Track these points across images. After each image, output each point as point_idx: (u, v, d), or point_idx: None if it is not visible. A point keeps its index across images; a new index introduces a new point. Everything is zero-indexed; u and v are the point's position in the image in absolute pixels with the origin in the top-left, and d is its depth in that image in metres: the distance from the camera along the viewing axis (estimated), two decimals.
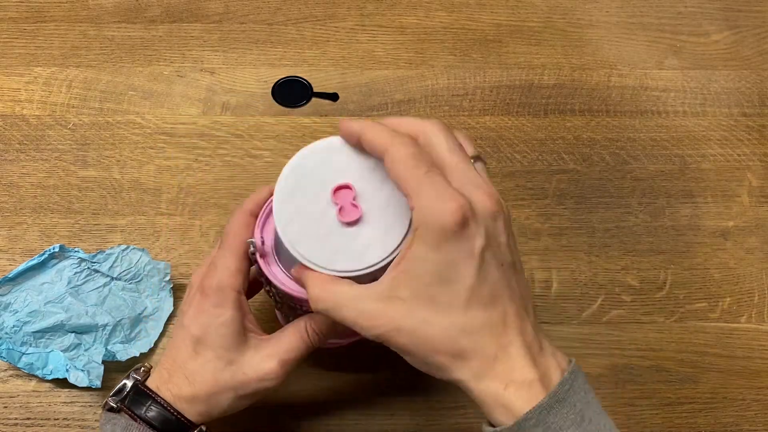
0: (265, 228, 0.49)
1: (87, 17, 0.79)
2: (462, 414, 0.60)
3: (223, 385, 0.46)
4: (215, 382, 0.46)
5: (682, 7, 0.82)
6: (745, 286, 0.66)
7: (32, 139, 0.71)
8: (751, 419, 0.61)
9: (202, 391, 0.46)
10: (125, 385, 0.47)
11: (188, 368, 0.46)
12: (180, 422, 0.46)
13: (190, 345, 0.46)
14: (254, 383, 0.46)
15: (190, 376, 0.46)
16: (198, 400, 0.46)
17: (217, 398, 0.46)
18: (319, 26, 0.79)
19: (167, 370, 0.47)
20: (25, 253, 0.65)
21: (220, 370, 0.46)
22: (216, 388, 0.46)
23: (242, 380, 0.46)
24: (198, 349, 0.46)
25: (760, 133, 0.74)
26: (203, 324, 0.46)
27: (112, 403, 0.47)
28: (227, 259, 0.47)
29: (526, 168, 0.71)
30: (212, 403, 0.46)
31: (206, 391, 0.46)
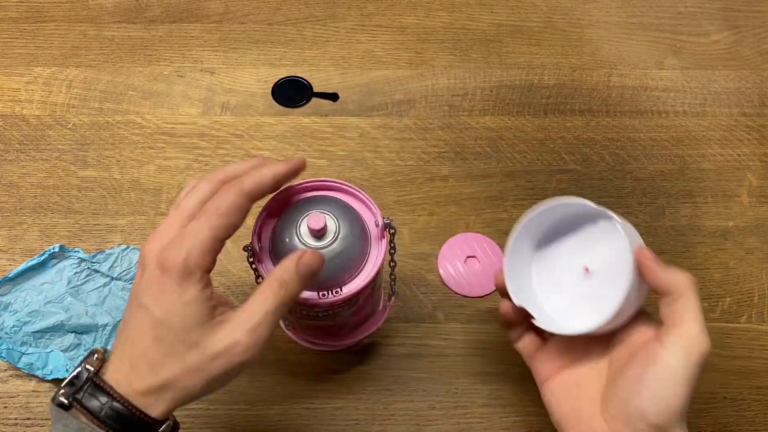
0: (263, 230, 0.49)
1: (87, 17, 0.79)
2: (462, 414, 0.60)
3: (191, 369, 0.41)
4: (182, 367, 0.41)
5: (682, 7, 0.82)
6: (745, 286, 0.66)
7: (32, 139, 0.71)
8: (751, 419, 0.61)
9: (168, 379, 0.41)
10: (79, 375, 0.41)
11: (151, 356, 0.41)
12: (143, 422, 0.41)
13: (151, 329, 0.41)
14: (223, 361, 0.41)
15: (154, 365, 0.41)
16: (165, 389, 0.41)
17: (186, 384, 0.41)
18: (319, 26, 0.79)
19: (128, 359, 0.42)
20: (25, 253, 0.65)
21: (186, 354, 0.41)
22: (184, 373, 0.41)
23: (210, 360, 0.41)
24: (161, 334, 0.41)
25: (760, 133, 0.74)
26: (166, 305, 0.41)
27: (63, 398, 0.41)
28: (203, 236, 0.41)
29: (526, 168, 0.71)
30: (181, 390, 0.41)
31: (173, 379, 0.41)
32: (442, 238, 0.67)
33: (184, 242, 0.41)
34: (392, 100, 0.75)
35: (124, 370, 0.41)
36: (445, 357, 0.62)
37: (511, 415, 0.60)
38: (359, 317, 0.57)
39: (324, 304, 0.48)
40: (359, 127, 0.73)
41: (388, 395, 0.61)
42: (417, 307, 0.64)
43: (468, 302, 0.65)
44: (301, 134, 0.72)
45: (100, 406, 0.40)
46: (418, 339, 0.63)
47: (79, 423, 0.40)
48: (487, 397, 0.61)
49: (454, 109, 0.74)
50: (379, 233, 0.49)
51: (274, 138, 0.72)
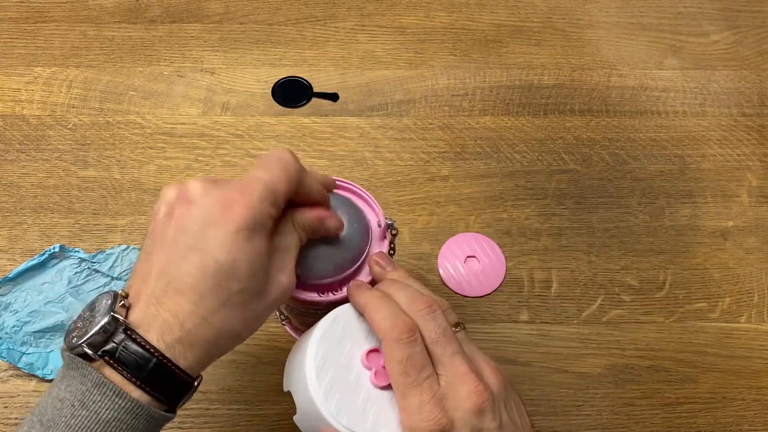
0: None
1: (87, 17, 0.79)
2: None
3: (249, 319, 0.38)
4: (243, 319, 0.38)
5: (681, 7, 0.82)
6: (745, 286, 0.66)
7: (32, 139, 0.71)
8: (750, 419, 0.61)
9: (227, 333, 0.37)
10: (111, 330, 0.36)
11: (209, 306, 0.36)
12: (182, 380, 0.37)
13: (212, 276, 0.36)
14: (273, 306, 0.40)
15: (211, 317, 0.37)
16: (216, 345, 0.37)
17: (241, 334, 0.39)
18: (319, 26, 0.79)
19: (174, 317, 0.36)
20: (25, 253, 0.65)
21: (248, 303, 0.38)
22: (243, 324, 0.38)
23: (267, 308, 0.39)
24: (222, 282, 0.37)
25: (759, 133, 0.74)
26: (234, 252, 0.37)
27: (89, 349, 0.35)
28: (278, 177, 0.39)
29: (525, 168, 0.71)
30: (231, 343, 0.39)
31: (231, 332, 0.38)
32: (442, 238, 0.67)
33: (256, 186, 0.38)
34: (392, 100, 0.75)
35: (169, 328, 0.36)
36: None
37: None
38: None
39: (324, 302, 0.48)
40: (359, 127, 0.73)
41: None
42: None
43: (468, 302, 0.65)
44: (301, 134, 0.72)
45: (139, 369, 0.35)
46: None
47: (99, 377, 0.35)
48: None
49: (454, 109, 0.74)
50: (381, 233, 0.49)
51: (274, 138, 0.72)
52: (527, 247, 0.67)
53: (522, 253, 0.67)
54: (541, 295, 0.65)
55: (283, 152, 0.41)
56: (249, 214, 0.37)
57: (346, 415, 0.39)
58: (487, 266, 0.66)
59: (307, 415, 0.41)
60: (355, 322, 0.43)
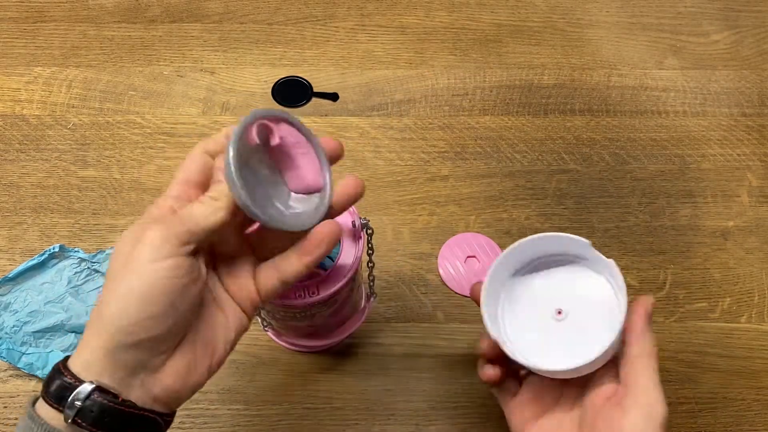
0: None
1: (87, 17, 0.79)
2: (462, 414, 0.60)
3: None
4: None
5: (681, 7, 0.82)
6: (745, 286, 0.66)
7: (32, 139, 0.71)
8: (751, 419, 0.61)
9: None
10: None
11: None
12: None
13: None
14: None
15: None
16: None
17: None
18: (319, 26, 0.79)
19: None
20: (25, 253, 0.65)
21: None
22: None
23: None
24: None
25: (759, 133, 0.74)
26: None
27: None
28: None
29: (526, 168, 0.71)
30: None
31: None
32: (442, 238, 0.67)
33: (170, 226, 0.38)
34: (392, 100, 0.75)
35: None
36: (445, 357, 0.62)
37: None
38: (338, 318, 0.57)
39: (299, 305, 0.48)
40: (359, 127, 0.73)
41: (388, 395, 0.61)
42: (417, 307, 0.64)
43: (468, 302, 0.65)
44: None
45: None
46: (418, 339, 0.63)
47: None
48: (487, 397, 0.60)
49: (454, 108, 0.74)
50: (356, 233, 0.49)
51: None
52: None
53: None
54: None
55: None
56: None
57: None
58: (487, 266, 0.66)
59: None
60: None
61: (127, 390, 0.36)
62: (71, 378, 0.36)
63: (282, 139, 0.39)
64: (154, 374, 0.37)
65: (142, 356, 0.36)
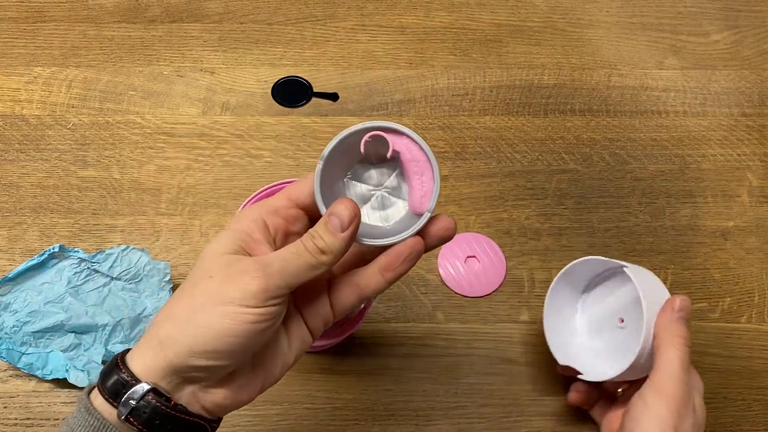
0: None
1: (87, 17, 0.79)
2: (462, 414, 0.60)
3: (200, 297, 0.36)
4: (192, 298, 0.37)
5: (682, 7, 0.82)
6: (746, 286, 0.66)
7: (32, 139, 0.71)
8: (751, 419, 0.61)
9: (167, 335, 0.36)
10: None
11: (175, 296, 0.38)
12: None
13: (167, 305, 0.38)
14: (236, 314, 0.35)
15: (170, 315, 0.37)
16: (173, 367, 0.36)
17: (184, 346, 0.36)
18: (319, 26, 0.79)
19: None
20: (25, 253, 0.65)
21: (197, 285, 0.37)
22: (180, 329, 0.36)
23: (213, 284, 0.36)
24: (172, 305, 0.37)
25: (760, 132, 0.74)
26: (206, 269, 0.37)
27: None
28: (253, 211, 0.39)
29: (526, 168, 0.71)
30: (184, 359, 0.36)
31: (172, 343, 0.36)
32: None
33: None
34: (392, 100, 0.75)
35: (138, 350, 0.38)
36: (445, 357, 0.62)
37: (512, 415, 0.60)
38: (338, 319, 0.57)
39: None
40: None
41: (388, 395, 0.60)
42: (417, 307, 0.64)
43: (468, 302, 0.65)
44: (301, 134, 0.72)
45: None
46: (418, 339, 0.63)
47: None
48: (487, 397, 0.60)
49: (454, 108, 0.74)
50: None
51: (274, 138, 0.72)
52: (527, 247, 0.67)
53: (522, 253, 0.67)
54: (542, 295, 0.65)
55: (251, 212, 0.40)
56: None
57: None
58: (487, 266, 0.66)
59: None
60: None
61: (178, 394, 0.37)
62: (128, 376, 0.36)
63: (398, 153, 0.39)
64: (207, 389, 0.37)
65: (202, 375, 0.37)
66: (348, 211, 0.37)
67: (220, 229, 0.67)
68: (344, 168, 0.41)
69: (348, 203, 0.37)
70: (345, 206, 0.37)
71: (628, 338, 0.55)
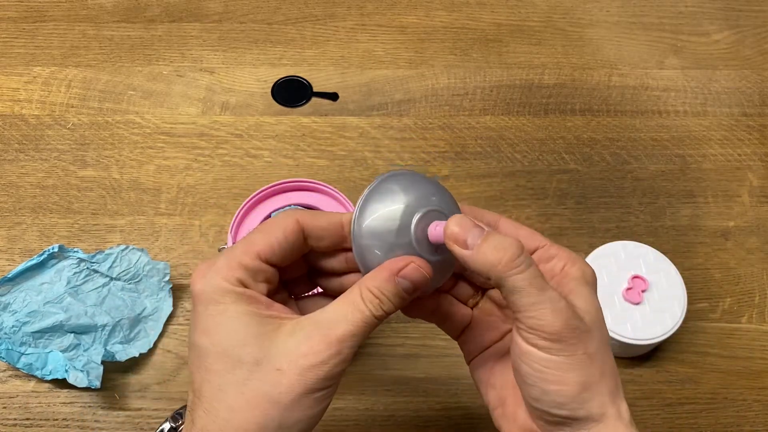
0: (239, 233, 0.49)
1: (86, 17, 0.79)
2: (463, 415, 0.60)
3: (256, 399, 0.32)
4: (245, 400, 0.32)
5: (682, 6, 0.82)
6: (746, 287, 0.66)
7: (31, 138, 0.71)
8: (752, 420, 0.61)
9: (230, 423, 0.32)
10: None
11: (205, 395, 0.33)
12: None
13: (199, 363, 0.33)
14: (300, 376, 0.32)
15: (210, 407, 0.32)
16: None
17: (257, 422, 0.32)
18: (319, 26, 0.79)
19: (189, 411, 0.34)
20: (24, 253, 0.65)
21: (245, 380, 0.32)
22: (247, 408, 0.32)
23: (278, 379, 0.32)
24: (209, 364, 0.33)
25: (760, 132, 0.74)
26: (208, 329, 0.33)
27: None
28: (235, 251, 0.35)
29: (526, 168, 0.71)
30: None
31: (237, 421, 0.32)
32: None
33: (213, 263, 0.35)
34: (392, 100, 0.75)
35: (187, 427, 0.34)
36: (445, 357, 0.62)
37: None
38: None
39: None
40: (359, 127, 0.73)
41: (388, 395, 0.60)
42: None
43: None
44: (301, 134, 0.72)
45: None
46: (418, 339, 0.63)
47: None
48: None
49: (454, 108, 0.74)
50: None
51: (274, 138, 0.72)
52: None
53: None
54: None
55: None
56: (211, 283, 0.35)
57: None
58: None
59: None
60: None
61: None
62: None
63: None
64: None
65: None
66: (423, 280, 0.35)
67: (220, 229, 0.66)
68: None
69: (424, 269, 0.35)
70: (421, 273, 0.34)
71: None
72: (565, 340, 0.34)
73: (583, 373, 0.34)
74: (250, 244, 0.35)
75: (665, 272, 0.61)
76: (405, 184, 0.36)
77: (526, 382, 0.35)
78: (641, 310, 0.59)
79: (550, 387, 0.34)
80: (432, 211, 0.36)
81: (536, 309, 0.33)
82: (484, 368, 0.40)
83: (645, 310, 0.59)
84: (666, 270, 0.61)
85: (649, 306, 0.59)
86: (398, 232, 0.35)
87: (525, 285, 0.33)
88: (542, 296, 0.34)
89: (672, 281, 0.60)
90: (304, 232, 0.36)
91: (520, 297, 0.33)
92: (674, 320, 0.59)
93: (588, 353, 0.34)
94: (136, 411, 0.59)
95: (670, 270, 0.61)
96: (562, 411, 0.35)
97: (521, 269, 0.33)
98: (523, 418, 0.37)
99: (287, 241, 0.35)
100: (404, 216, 0.35)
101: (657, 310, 0.59)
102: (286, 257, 0.36)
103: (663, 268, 0.61)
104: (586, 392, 0.34)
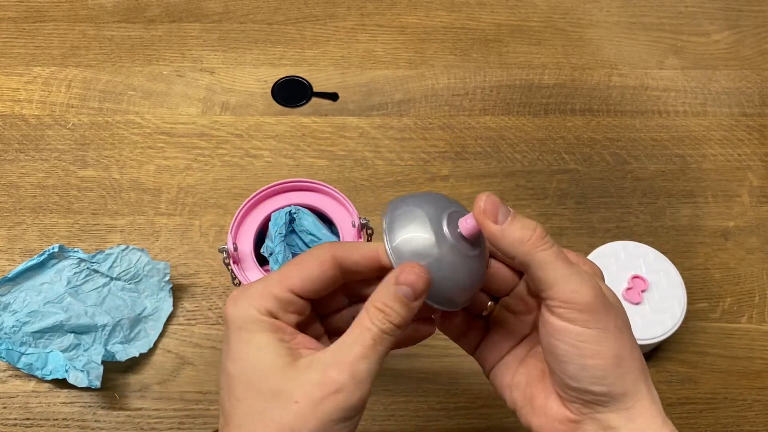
0: (239, 233, 0.49)
1: (86, 17, 0.79)
2: (463, 415, 0.60)
3: (280, 427, 0.33)
4: (265, 427, 0.33)
5: (682, 6, 0.82)
6: (746, 287, 0.66)
7: (31, 139, 0.71)
8: (751, 420, 0.61)
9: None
10: None
11: (233, 420, 0.35)
12: None
13: (229, 390, 0.35)
14: (315, 408, 0.33)
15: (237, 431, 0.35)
16: None
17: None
18: (319, 26, 0.79)
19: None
20: (24, 253, 0.65)
21: (269, 408, 0.33)
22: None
23: (299, 410, 0.33)
24: (238, 392, 0.34)
25: (760, 132, 0.74)
26: (236, 356, 0.35)
27: None
28: (269, 281, 0.36)
29: (526, 168, 0.71)
30: None
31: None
32: None
33: (246, 290, 0.36)
34: (392, 100, 0.75)
35: None
36: (445, 357, 0.62)
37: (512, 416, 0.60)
38: None
39: None
40: (359, 127, 0.73)
41: (388, 395, 0.60)
42: None
43: None
44: (301, 134, 0.72)
45: None
46: None
47: None
48: (487, 397, 0.60)
49: (454, 108, 0.74)
50: (355, 234, 0.49)
51: (274, 138, 0.72)
52: None
53: None
54: None
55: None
56: (241, 309, 0.36)
57: None
58: None
59: None
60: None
61: None
62: None
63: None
64: None
65: None
66: (420, 280, 0.35)
67: (220, 229, 0.66)
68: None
69: (417, 270, 0.35)
70: (415, 273, 0.35)
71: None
72: (598, 311, 0.35)
73: (616, 345, 0.35)
74: (284, 276, 0.36)
75: (665, 272, 0.61)
76: (414, 203, 0.37)
77: (562, 360, 0.36)
78: (641, 310, 0.59)
79: (587, 361, 0.35)
80: (452, 213, 0.37)
81: (568, 281, 0.35)
82: (507, 373, 0.41)
83: (645, 310, 0.59)
84: (666, 270, 0.61)
85: (649, 306, 0.59)
86: (437, 243, 0.35)
87: (554, 259, 0.35)
88: (572, 269, 0.35)
89: (672, 281, 0.60)
90: (340, 267, 0.36)
91: (551, 271, 0.35)
92: (674, 320, 0.59)
93: (618, 327, 0.36)
94: (136, 411, 0.59)
95: (670, 270, 0.61)
96: (600, 387, 0.35)
97: (548, 245, 0.35)
98: (556, 408, 0.38)
99: (321, 278, 0.36)
100: (434, 227, 0.36)
101: (657, 310, 0.59)
102: (319, 291, 0.36)
103: (663, 268, 0.61)
104: (621, 366, 0.35)
